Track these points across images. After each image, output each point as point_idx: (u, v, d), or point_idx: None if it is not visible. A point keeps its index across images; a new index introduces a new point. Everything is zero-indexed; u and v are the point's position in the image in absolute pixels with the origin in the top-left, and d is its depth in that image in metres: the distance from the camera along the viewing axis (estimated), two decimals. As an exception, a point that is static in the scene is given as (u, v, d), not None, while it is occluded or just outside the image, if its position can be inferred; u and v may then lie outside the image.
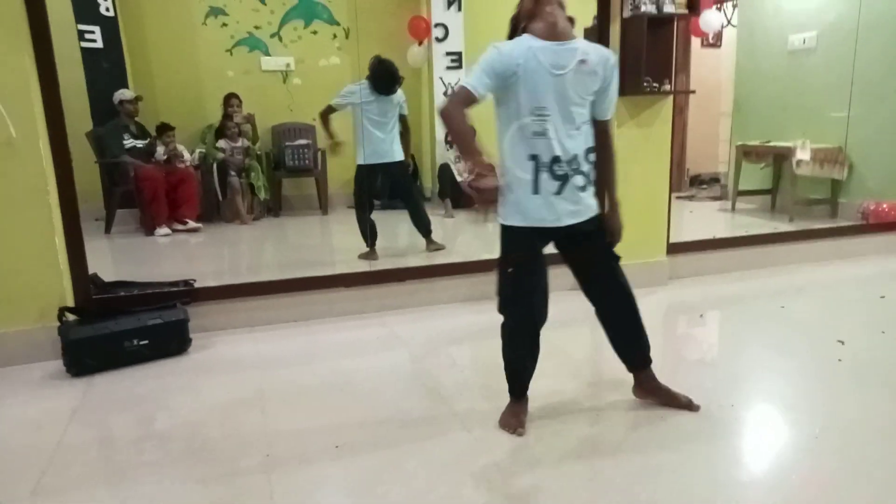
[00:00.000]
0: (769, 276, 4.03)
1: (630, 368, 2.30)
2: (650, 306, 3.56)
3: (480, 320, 3.23)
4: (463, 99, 1.91)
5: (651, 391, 2.31)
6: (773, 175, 5.82)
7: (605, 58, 2.00)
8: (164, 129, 5.72)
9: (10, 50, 2.67)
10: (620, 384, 2.41)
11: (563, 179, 1.98)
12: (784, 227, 4.83)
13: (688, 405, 2.25)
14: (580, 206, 2.03)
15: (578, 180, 2.00)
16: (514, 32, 2.03)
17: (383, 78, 4.24)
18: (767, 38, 5.87)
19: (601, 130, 2.09)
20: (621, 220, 2.16)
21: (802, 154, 5.20)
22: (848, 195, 5.24)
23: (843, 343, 2.87)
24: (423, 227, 4.47)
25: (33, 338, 2.83)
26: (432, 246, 4.43)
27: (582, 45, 1.96)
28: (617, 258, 2.17)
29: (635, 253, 3.75)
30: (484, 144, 1.99)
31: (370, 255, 4.37)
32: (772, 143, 5.57)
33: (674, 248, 3.91)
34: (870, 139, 5.09)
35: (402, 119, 4.48)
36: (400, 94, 4.42)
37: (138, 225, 5.63)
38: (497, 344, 2.21)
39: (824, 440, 2.05)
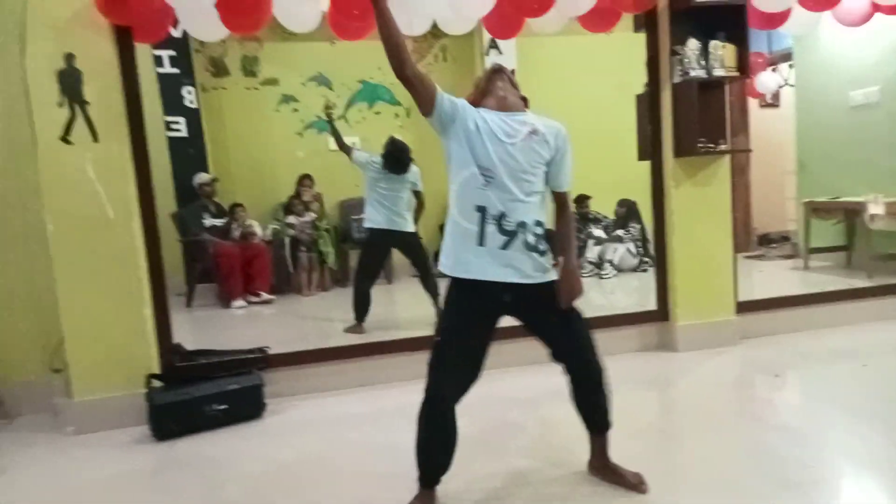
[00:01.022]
0: (847, 334, 3.85)
1: (589, 429, 2.25)
2: (721, 366, 3.48)
3: (548, 383, 3.21)
4: (428, 81, 1.92)
5: (600, 469, 2.24)
6: (846, 231, 5.64)
7: (557, 129, 2.05)
8: (235, 208, 6.10)
9: (112, 140, 3.01)
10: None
11: (511, 235, 1.95)
12: (862, 283, 4.63)
13: (636, 486, 2.15)
14: (528, 267, 1.98)
15: (530, 238, 1.97)
16: None
17: (394, 160, 4.36)
18: (827, 96, 5.81)
19: (559, 201, 2.13)
20: (578, 284, 2.07)
21: (876, 208, 5.04)
22: (929, 249, 5.00)
23: (933, 402, 2.71)
24: (432, 292, 4.47)
25: (122, 403, 3.02)
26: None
27: (532, 118, 2.04)
28: (578, 319, 2.11)
29: (701, 312, 3.72)
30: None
31: (356, 328, 4.37)
32: (841, 199, 5.42)
33: (743, 307, 3.82)
34: (948, 190, 4.89)
35: (417, 194, 4.58)
36: (413, 173, 4.51)
37: (216, 299, 5.94)
38: (568, 409, 2.19)
39: (917, 504, 1.94)
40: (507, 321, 2.11)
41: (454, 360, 1.99)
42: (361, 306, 4.44)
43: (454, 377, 2.00)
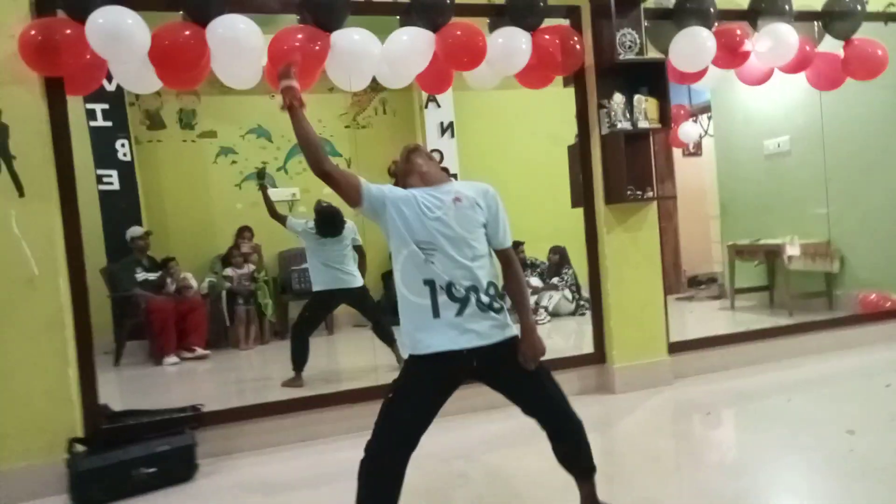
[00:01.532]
0: (773, 370, 4.03)
1: (574, 476, 2.21)
2: (657, 406, 3.57)
3: (492, 430, 3.23)
4: (349, 175, 2.01)
5: None
6: (768, 272, 5.95)
7: (483, 190, 2.09)
8: (168, 262, 5.92)
9: (39, 195, 2.90)
10: None
11: (464, 302, 1.95)
12: (784, 321, 4.88)
13: None
14: (485, 328, 1.97)
15: (484, 299, 1.98)
16: None
17: (326, 225, 4.44)
18: (744, 145, 6.21)
19: (504, 259, 2.13)
20: (539, 343, 2.05)
21: (792, 250, 5.36)
22: (843, 287, 5.33)
23: (853, 433, 2.85)
24: (387, 339, 4.47)
25: (42, 472, 2.82)
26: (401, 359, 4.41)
27: (455, 185, 2.10)
28: (546, 375, 2.10)
29: (636, 354, 3.83)
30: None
31: (295, 381, 4.29)
32: (762, 242, 5.75)
33: (675, 348, 3.95)
34: (855, 232, 5.25)
35: (358, 249, 4.62)
36: (350, 229, 4.56)
37: (147, 356, 5.71)
38: (511, 456, 2.18)
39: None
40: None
41: (404, 420, 1.95)
42: (300, 355, 4.35)
43: (402, 437, 1.95)
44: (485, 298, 1.98)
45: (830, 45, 4.30)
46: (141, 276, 5.82)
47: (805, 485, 2.46)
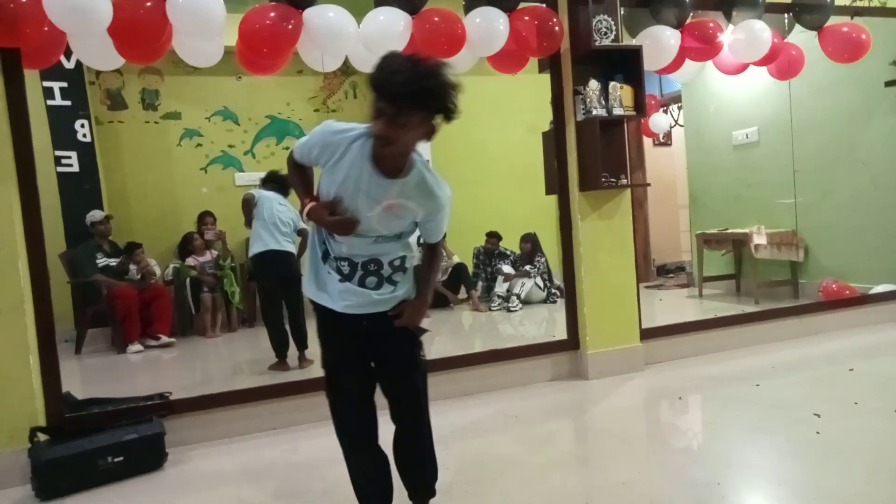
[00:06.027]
0: (741, 356, 4.11)
1: (410, 497, 2.07)
2: (629, 392, 3.61)
3: (465, 417, 3.21)
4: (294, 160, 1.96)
5: None
6: (735, 260, 6.06)
7: None
8: (133, 248, 5.76)
9: (-5, 175, 2.76)
10: None
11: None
12: (751, 308, 4.98)
13: None
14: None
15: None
16: None
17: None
18: (713, 135, 6.30)
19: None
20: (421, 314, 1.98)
21: (759, 239, 5.47)
22: (807, 276, 5.46)
23: (819, 416, 2.92)
24: (300, 341, 4.38)
25: (2, 463, 2.72)
26: (305, 362, 4.35)
27: None
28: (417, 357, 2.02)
29: (609, 340, 3.86)
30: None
31: (280, 365, 4.28)
32: (729, 231, 5.85)
33: (647, 334, 3.99)
34: (820, 223, 5.38)
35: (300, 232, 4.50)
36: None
37: (109, 344, 5.56)
38: (485, 442, 2.15)
39: (812, 512, 2.06)
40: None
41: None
42: (279, 340, 4.33)
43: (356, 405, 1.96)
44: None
45: (796, 37, 4.38)
46: (102, 261, 5.64)
47: (774, 467, 2.50)
